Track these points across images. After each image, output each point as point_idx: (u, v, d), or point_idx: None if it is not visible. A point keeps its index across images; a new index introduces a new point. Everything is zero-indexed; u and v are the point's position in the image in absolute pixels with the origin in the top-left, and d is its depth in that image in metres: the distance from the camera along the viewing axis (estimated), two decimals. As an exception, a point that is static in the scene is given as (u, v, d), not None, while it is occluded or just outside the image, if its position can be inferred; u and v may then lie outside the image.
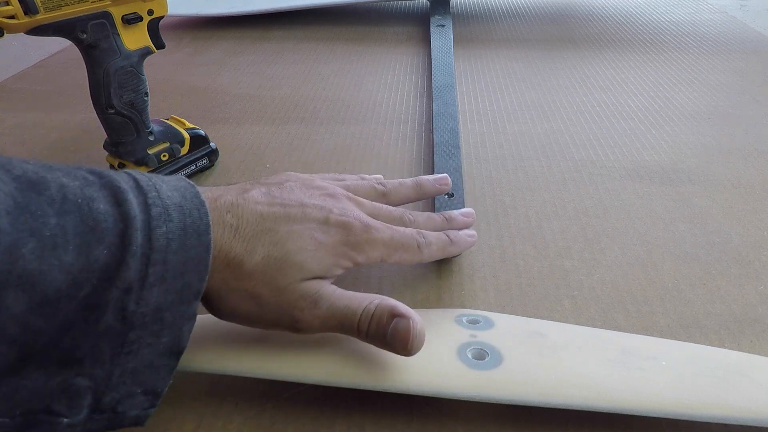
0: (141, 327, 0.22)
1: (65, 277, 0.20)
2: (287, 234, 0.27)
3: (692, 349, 0.29)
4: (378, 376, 0.26)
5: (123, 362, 0.22)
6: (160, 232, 0.22)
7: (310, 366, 0.27)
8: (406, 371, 0.26)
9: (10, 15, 0.33)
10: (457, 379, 0.26)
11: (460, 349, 0.28)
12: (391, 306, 0.26)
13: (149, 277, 0.22)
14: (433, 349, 0.27)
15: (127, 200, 0.22)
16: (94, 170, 0.23)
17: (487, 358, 0.27)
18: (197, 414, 0.28)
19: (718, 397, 0.25)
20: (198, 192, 0.25)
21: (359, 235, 0.28)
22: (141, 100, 0.42)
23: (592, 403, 0.25)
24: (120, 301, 0.21)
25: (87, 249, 0.20)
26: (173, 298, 0.23)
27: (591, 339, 0.29)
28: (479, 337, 0.29)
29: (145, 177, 0.24)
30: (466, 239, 0.34)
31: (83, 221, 0.21)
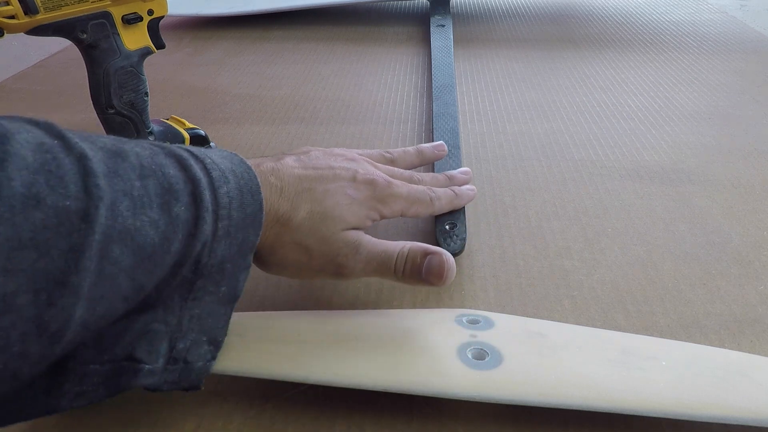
0: (207, 276, 0.24)
1: (156, 232, 0.22)
2: (324, 192, 0.30)
3: (692, 349, 0.29)
4: (378, 376, 0.26)
5: (189, 308, 0.24)
6: (223, 192, 0.24)
7: (310, 366, 0.27)
8: (406, 371, 0.26)
9: (10, 15, 0.33)
10: (457, 379, 0.26)
11: (460, 349, 0.28)
12: (423, 247, 0.30)
13: (219, 231, 0.24)
14: (433, 349, 0.27)
15: (191, 165, 0.24)
16: (154, 143, 0.26)
17: (487, 358, 0.27)
18: (197, 414, 0.28)
19: (718, 397, 0.25)
20: (243, 159, 0.28)
21: (384, 190, 0.32)
22: (141, 100, 0.42)
23: (592, 403, 0.25)
24: (198, 254, 0.23)
25: (168, 207, 0.22)
26: (235, 251, 0.25)
27: (591, 339, 0.29)
28: (479, 337, 0.29)
29: (195, 149, 0.26)
30: (468, 192, 0.38)
31: (160, 184, 0.23)
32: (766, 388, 0.26)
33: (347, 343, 0.28)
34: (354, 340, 0.28)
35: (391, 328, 0.29)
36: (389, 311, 0.31)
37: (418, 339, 0.28)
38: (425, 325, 0.29)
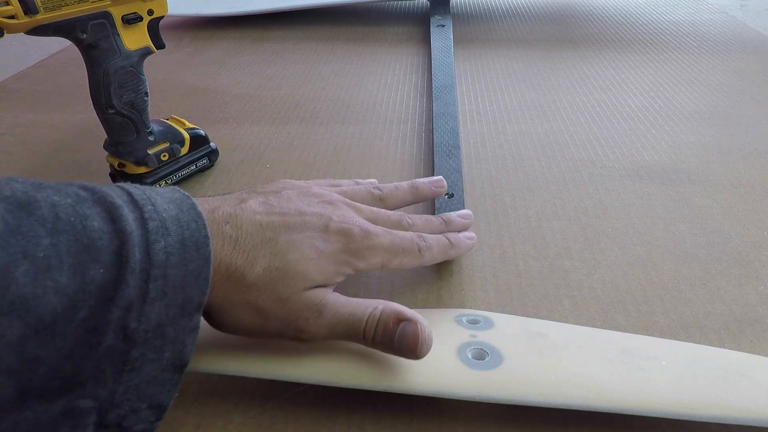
0: (143, 344, 0.21)
1: (61, 300, 0.19)
2: (287, 244, 0.26)
3: (692, 349, 0.29)
4: (378, 376, 0.26)
5: (126, 380, 0.21)
6: (159, 247, 0.22)
7: (310, 366, 0.27)
8: (406, 371, 0.26)
9: (10, 15, 0.33)
10: (457, 379, 0.26)
11: (460, 349, 0.28)
12: (396, 311, 0.26)
13: (150, 293, 0.21)
14: (434, 349, 0.27)
15: (122, 216, 0.21)
16: (86, 185, 0.23)
17: (487, 358, 0.27)
18: (197, 414, 0.28)
19: (718, 397, 0.25)
20: (194, 204, 0.24)
21: (360, 242, 0.28)
22: (141, 100, 0.42)
23: (592, 403, 0.25)
24: (121, 320, 0.20)
25: (82, 269, 0.20)
26: (175, 313, 0.22)
27: (591, 339, 0.29)
28: (479, 337, 0.29)
29: (139, 190, 0.24)
30: (465, 242, 0.34)
31: (77, 240, 0.20)
32: (766, 388, 0.26)
33: (347, 343, 0.28)
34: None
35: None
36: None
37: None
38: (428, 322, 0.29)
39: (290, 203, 0.29)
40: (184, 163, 0.46)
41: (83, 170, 0.49)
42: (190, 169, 0.47)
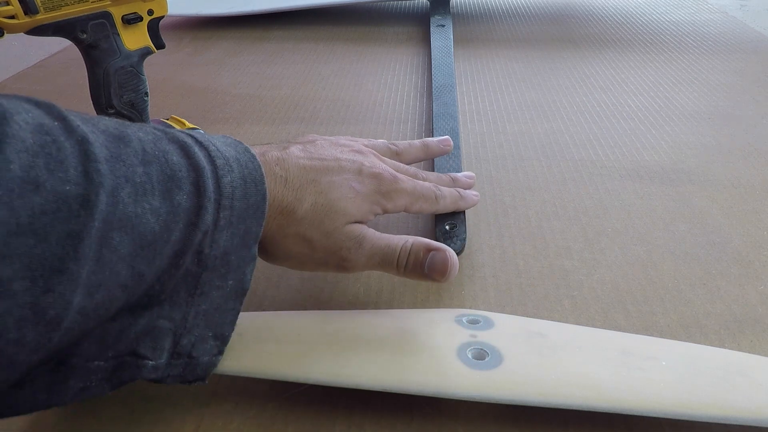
0: (212, 269, 0.24)
1: (157, 220, 0.21)
2: (329, 184, 0.29)
3: (692, 349, 0.29)
4: (378, 376, 0.26)
5: (196, 304, 0.24)
6: (226, 181, 0.24)
7: (310, 366, 0.27)
8: (406, 371, 0.26)
9: (10, 15, 0.33)
10: (457, 379, 0.26)
11: (460, 349, 0.28)
12: (426, 242, 0.30)
13: (220, 221, 0.24)
14: (434, 349, 0.27)
15: (195, 153, 0.24)
16: (158, 127, 0.25)
17: (487, 358, 0.27)
18: (197, 414, 0.28)
19: (718, 397, 0.25)
20: (248, 148, 0.27)
21: (389, 185, 0.32)
22: (141, 100, 0.42)
23: (592, 403, 0.25)
24: (199, 244, 0.23)
25: (170, 195, 0.22)
26: (238, 242, 0.25)
27: (591, 339, 0.29)
28: (479, 337, 0.29)
29: (200, 134, 0.26)
30: (472, 197, 0.38)
31: (163, 171, 0.22)
32: (766, 388, 0.26)
33: (347, 343, 0.28)
34: (354, 340, 0.28)
35: (391, 328, 0.29)
36: (389, 311, 0.31)
37: (418, 339, 0.28)
38: (425, 325, 0.29)
39: (326, 150, 0.32)
40: (184, 163, 0.46)
41: (83, 170, 0.49)
42: (190, 169, 0.47)
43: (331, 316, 0.31)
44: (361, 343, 0.28)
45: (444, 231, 0.37)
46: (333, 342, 0.28)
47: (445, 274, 0.29)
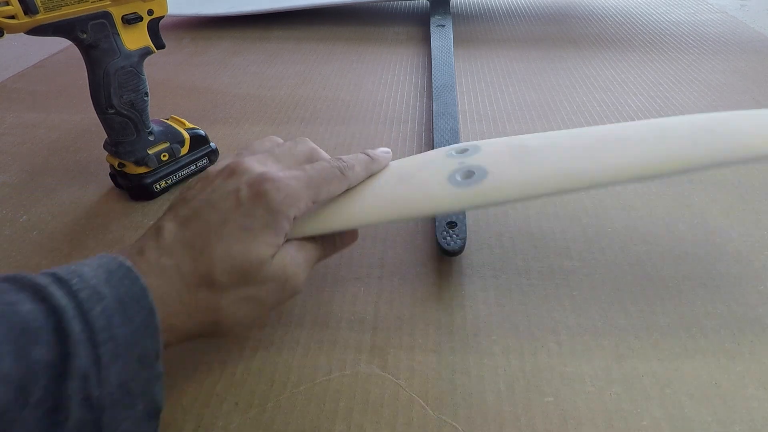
0: (112, 406, 0.21)
1: (7, 388, 0.19)
2: (220, 241, 0.26)
3: (663, 122, 0.31)
4: (384, 212, 0.30)
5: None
6: (95, 313, 0.22)
7: (332, 217, 0.31)
8: (407, 200, 0.30)
9: (10, 15, 0.33)
10: (450, 197, 0.30)
11: (451, 175, 0.31)
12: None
13: (102, 358, 0.21)
14: (428, 181, 0.31)
15: (51, 293, 0.21)
16: (7, 276, 0.23)
17: (474, 176, 0.30)
18: (197, 414, 0.28)
19: (682, 154, 0.28)
20: (122, 261, 0.24)
21: (277, 197, 0.27)
22: (141, 100, 0.42)
23: (565, 186, 0.28)
24: (81, 391, 0.20)
25: (24, 352, 0.20)
26: (135, 367, 0.22)
27: (568, 138, 0.32)
28: (467, 162, 0.32)
29: (64, 268, 0.23)
30: (384, 155, 0.35)
31: (11, 327, 0.20)
32: (724, 135, 0.29)
33: (358, 194, 0.32)
34: (364, 191, 0.32)
35: (394, 176, 0.33)
36: (393, 164, 0.35)
37: (415, 178, 0.32)
38: (420, 167, 0.33)
39: (197, 200, 0.28)
40: (184, 163, 0.46)
41: (83, 170, 0.49)
42: (190, 169, 0.47)
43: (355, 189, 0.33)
44: (369, 191, 0.32)
45: (444, 230, 0.37)
46: (348, 197, 0.32)
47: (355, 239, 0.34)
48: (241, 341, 0.32)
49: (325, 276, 0.37)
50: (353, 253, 0.38)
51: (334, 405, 0.28)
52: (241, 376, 0.30)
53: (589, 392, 0.28)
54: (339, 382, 0.29)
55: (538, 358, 0.30)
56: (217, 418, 0.28)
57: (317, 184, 0.29)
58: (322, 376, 0.30)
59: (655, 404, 0.28)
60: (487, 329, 0.32)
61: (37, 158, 0.52)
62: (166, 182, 0.45)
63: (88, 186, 0.47)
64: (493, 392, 0.29)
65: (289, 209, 0.28)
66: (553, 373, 0.30)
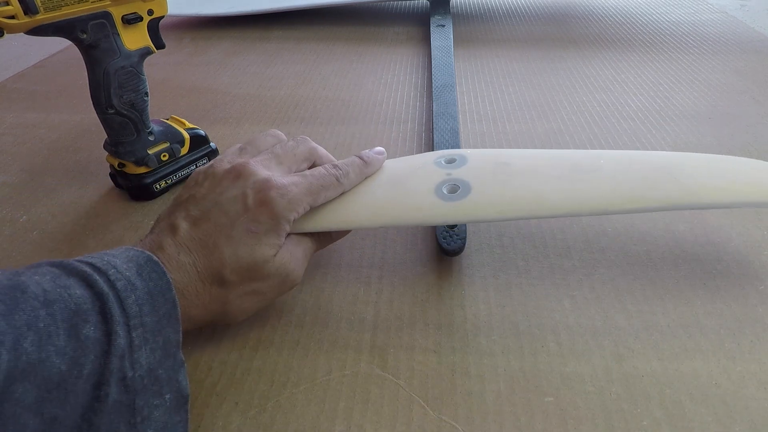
0: (143, 390, 0.23)
1: (63, 359, 0.21)
2: (228, 244, 0.29)
3: (632, 156, 0.35)
4: (373, 218, 0.32)
5: (142, 431, 0.23)
6: (130, 301, 0.24)
7: (327, 217, 0.32)
8: (396, 209, 0.33)
9: (10, 15, 0.33)
10: (434, 210, 0.32)
11: (438, 186, 0.34)
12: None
13: (134, 341, 0.24)
14: (416, 191, 0.34)
15: (96, 281, 0.24)
16: (54, 262, 0.25)
17: (459, 191, 0.33)
18: (197, 414, 0.28)
19: (641, 195, 0.31)
20: (150, 256, 0.26)
21: (281, 203, 0.30)
22: (141, 100, 0.42)
23: (538, 214, 0.31)
24: (119, 371, 0.23)
25: (76, 330, 0.22)
26: (160, 354, 0.24)
27: (548, 161, 0.35)
28: (453, 174, 0.35)
29: (98, 258, 0.26)
30: (377, 157, 0.37)
31: (67, 307, 0.22)
32: (683, 181, 0.32)
33: (352, 198, 0.34)
34: (357, 195, 0.34)
35: (384, 179, 0.35)
36: (387, 164, 0.37)
37: (404, 185, 0.34)
38: (409, 172, 0.35)
39: (207, 200, 0.30)
40: (184, 163, 0.46)
41: (83, 170, 0.49)
42: (190, 169, 0.47)
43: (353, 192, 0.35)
44: (362, 196, 0.34)
45: (444, 230, 0.37)
46: (343, 199, 0.34)
47: (349, 231, 0.35)
48: (241, 341, 0.32)
49: (325, 276, 0.37)
50: (353, 253, 0.38)
51: (334, 405, 0.28)
52: (241, 376, 0.30)
53: (589, 392, 0.28)
54: (339, 382, 0.29)
55: (538, 358, 0.30)
56: (217, 418, 0.28)
57: (316, 190, 0.32)
58: (322, 375, 0.30)
59: (655, 404, 0.28)
60: (487, 329, 0.32)
61: (37, 158, 0.52)
62: (166, 182, 0.45)
63: (88, 186, 0.47)
64: (493, 392, 0.29)
65: (291, 214, 0.30)
66: (553, 373, 0.30)
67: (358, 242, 0.39)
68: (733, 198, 0.31)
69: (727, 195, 0.31)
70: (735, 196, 0.31)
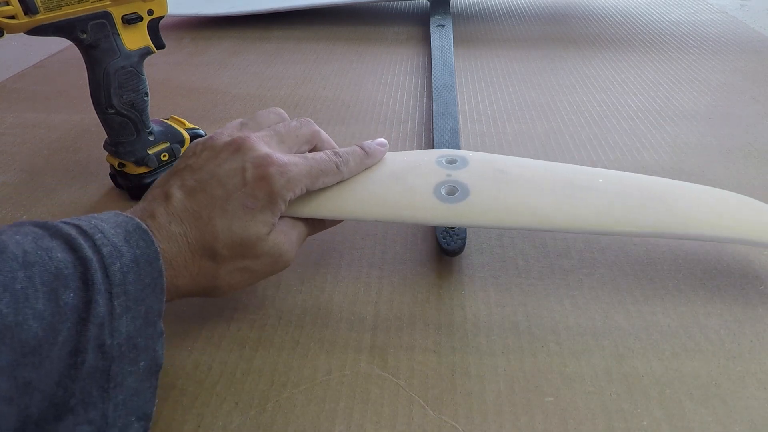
0: (120, 357, 0.23)
1: (40, 324, 0.21)
2: (223, 218, 0.28)
3: (627, 179, 0.35)
4: (372, 211, 0.33)
5: (113, 397, 0.23)
6: (115, 268, 0.24)
7: (324, 206, 0.32)
8: (394, 207, 0.33)
9: (10, 15, 0.33)
10: (432, 211, 0.32)
11: (437, 187, 0.34)
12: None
13: (116, 309, 0.23)
14: (415, 188, 0.34)
15: (81, 245, 0.23)
16: (38, 222, 0.24)
17: (457, 193, 0.33)
18: (197, 414, 0.28)
19: (631, 218, 0.32)
20: (139, 223, 0.26)
21: (280, 181, 0.29)
22: (141, 100, 0.42)
23: (533, 226, 0.32)
24: (97, 338, 0.22)
25: (55, 295, 0.21)
26: (140, 323, 0.24)
27: (544, 173, 0.35)
28: (453, 175, 0.35)
29: (85, 221, 0.25)
30: (378, 148, 0.36)
31: (47, 270, 0.22)
32: (673, 210, 0.33)
33: (350, 188, 0.34)
34: (355, 186, 0.34)
35: (385, 173, 0.35)
36: (388, 157, 0.37)
37: (404, 181, 0.34)
38: (411, 169, 0.35)
39: (203, 171, 0.30)
40: (184, 163, 0.46)
41: (83, 170, 0.49)
42: (190, 169, 0.47)
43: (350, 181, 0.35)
44: (361, 186, 0.34)
45: (444, 230, 0.37)
46: (341, 188, 0.33)
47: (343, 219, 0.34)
48: (241, 341, 0.32)
49: (325, 276, 0.37)
50: (353, 253, 0.39)
51: (334, 405, 0.28)
52: (241, 376, 0.30)
53: (589, 392, 0.28)
54: (339, 382, 0.29)
55: (538, 358, 0.30)
56: (217, 418, 0.28)
57: (315, 174, 0.32)
58: (322, 375, 0.30)
59: (655, 404, 0.28)
60: (487, 329, 0.32)
61: (37, 158, 0.52)
62: (166, 182, 0.45)
63: (88, 186, 0.47)
64: (493, 392, 0.29)
65: (288, 193, 0.30)
66: (553, 373, 0.30)
67: (358, 242, 0.39)
68: (721, 233, 0.32)
69: (715, 230, 0.32)
70: (723, 231, 0.32)
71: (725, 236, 0.32)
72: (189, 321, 0.33)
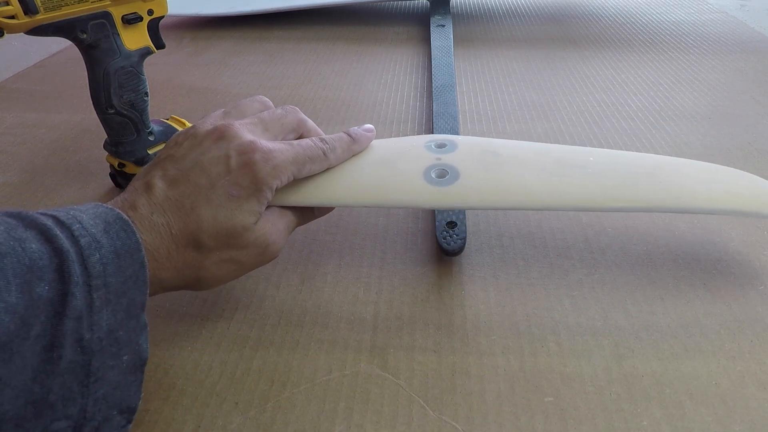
0: (101, 352, 0.22)
1: (12, 318, 0.20)
2: (207, 207, 0.28)
3: (616, 156, 0.35)
4: (361, 197, 0.32)
5: (93, 392, 0.22)
6: (94, 260, 0.23)
7: (313, 192, 0.32)
8: (383, 191, 0.32)
9: (10, 15, 0.33)
10: (422, 194, 0.32)
11: (426, 170, 0.33)
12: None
13: (95, 302, 0.22)
14: (405, 172, 0.33)
15: (57, 236, 0.22)
16: (12, 212, 0.24)
17: (447, 176, 0.33)
18: (197, 414, 0.28)
19: (621, 194, 0.32)
20: (119, 214, 0.25)
21: (265, 168, 0.29)
22: (141, 100, 0.42)
23: (524, 205, 0.32)
24: (75, 332, 0.21)
25: (29, 287, 0.21)
26: (122, 316, 0.23)
27: (533, 154, 0.35)
28: (443, 159, 0.34)
29: (63, 212, 0.24)
30: (365, 134, 0.36)
31: (20, 262, 0.21)
32: (666, 184, 0.33)
33: (339, 174, 0.33)
34: (345, 171, 0.34)
35: (374, 159, 0.35)
36: (375, 144, 0.36)
37: (393, 166, 0.34)
38: (400, 154, 0.35)
39: (186, 160, 0.29)
40: (184, 163, 0.46)
41: (83, 170, 0.49)
42: (190, 169, 0.47)
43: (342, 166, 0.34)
44: (350, 173, 0.33)
45: (444, 230, 0.37)
46: (330, 175, 0.33)
47: (332, 208, 0.35)
48: (241, 341, 0.32)
49: (325, 276, 0.37)
50: (353, 253, 0.38)
51: (334, 405, 0.28)
52: (241, 376, 0.30)
53: (589, 392, 0.28)
54: (339, 382, 0.29)
55: (538, 358, 0.30)
56: (217, 418, 0.28)
57: (302, 161, 0.31)
58: (322, 376, 0.30)
59: (655, 404, 0.28)
60: (487, 329, 0.32)
61: (37, 158, 0.52)
62: (166, 182, 0.45)
63: (88, 186, 0.47)
64: (493, 392, 0.29)
65: (274, 181, 0.29)
66: (553, 373, 0.30)
67: (358, 242, 0.39)
68: (715, 206, 0.32)
69: (710, 202, 0.32)
70: (717, 204, 0.32)
71: (719, 208, 0.32)
72: (189, 321, 0.33)
